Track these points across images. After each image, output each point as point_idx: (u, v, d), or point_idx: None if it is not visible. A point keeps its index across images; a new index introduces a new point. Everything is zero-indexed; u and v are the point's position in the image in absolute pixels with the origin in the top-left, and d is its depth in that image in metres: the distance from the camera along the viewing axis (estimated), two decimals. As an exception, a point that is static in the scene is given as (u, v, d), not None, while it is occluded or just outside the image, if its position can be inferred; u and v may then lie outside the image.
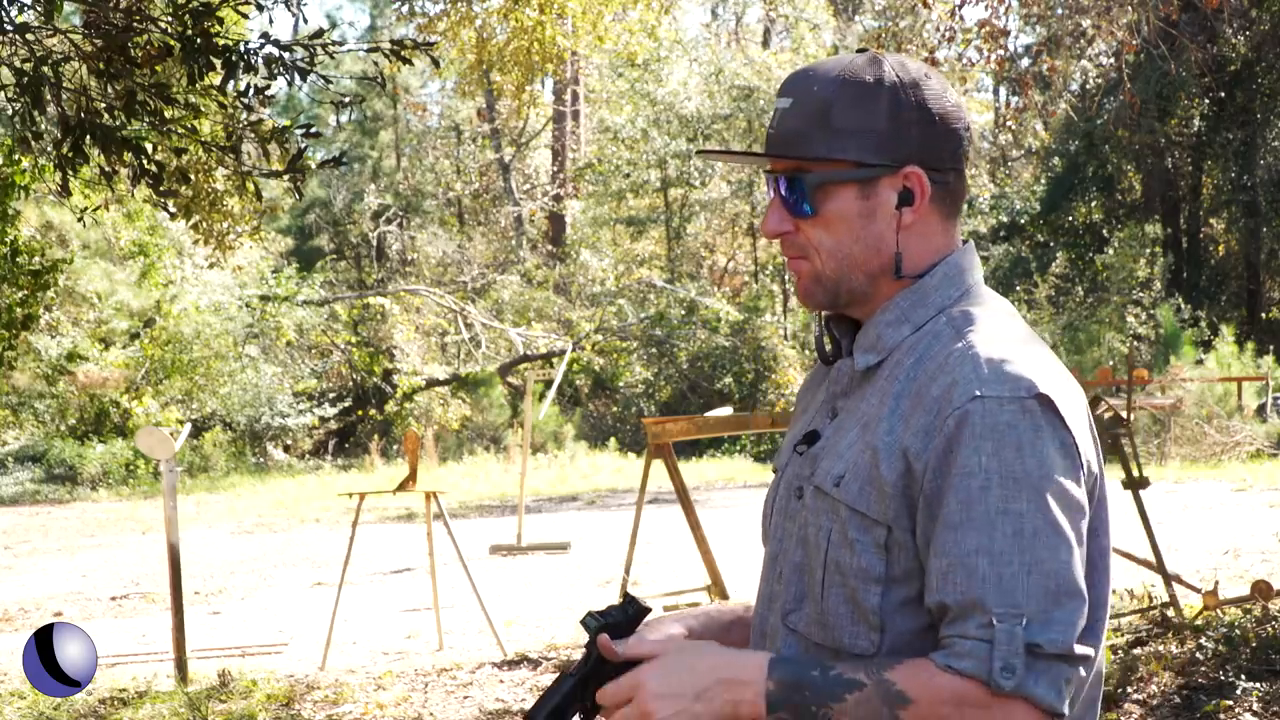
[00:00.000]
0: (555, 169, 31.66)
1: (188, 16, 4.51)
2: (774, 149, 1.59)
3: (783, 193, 1.59)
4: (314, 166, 5.24)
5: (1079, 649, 1.40)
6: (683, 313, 23.86)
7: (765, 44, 32.80)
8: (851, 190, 1.56)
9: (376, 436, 23.49)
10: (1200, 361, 18.17)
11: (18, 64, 4.94)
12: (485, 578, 8.72)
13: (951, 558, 1.41)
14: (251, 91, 4.90)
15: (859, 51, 1.61)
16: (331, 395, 24.64)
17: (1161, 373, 17.54)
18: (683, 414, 18.59)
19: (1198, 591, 6.37)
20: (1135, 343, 21.32)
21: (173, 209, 6.90)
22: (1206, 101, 23.39)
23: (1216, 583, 6.30)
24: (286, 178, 4.90)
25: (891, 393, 1.52)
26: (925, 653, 1.44)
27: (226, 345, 22.20)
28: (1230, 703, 4.94)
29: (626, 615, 1.64)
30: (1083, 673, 1.42)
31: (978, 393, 1.43)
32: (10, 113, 5.50)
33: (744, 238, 30.09)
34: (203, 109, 5.67)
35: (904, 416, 1.50)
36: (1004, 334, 1.52)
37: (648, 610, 1.65)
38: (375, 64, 6.05)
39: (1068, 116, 21.68)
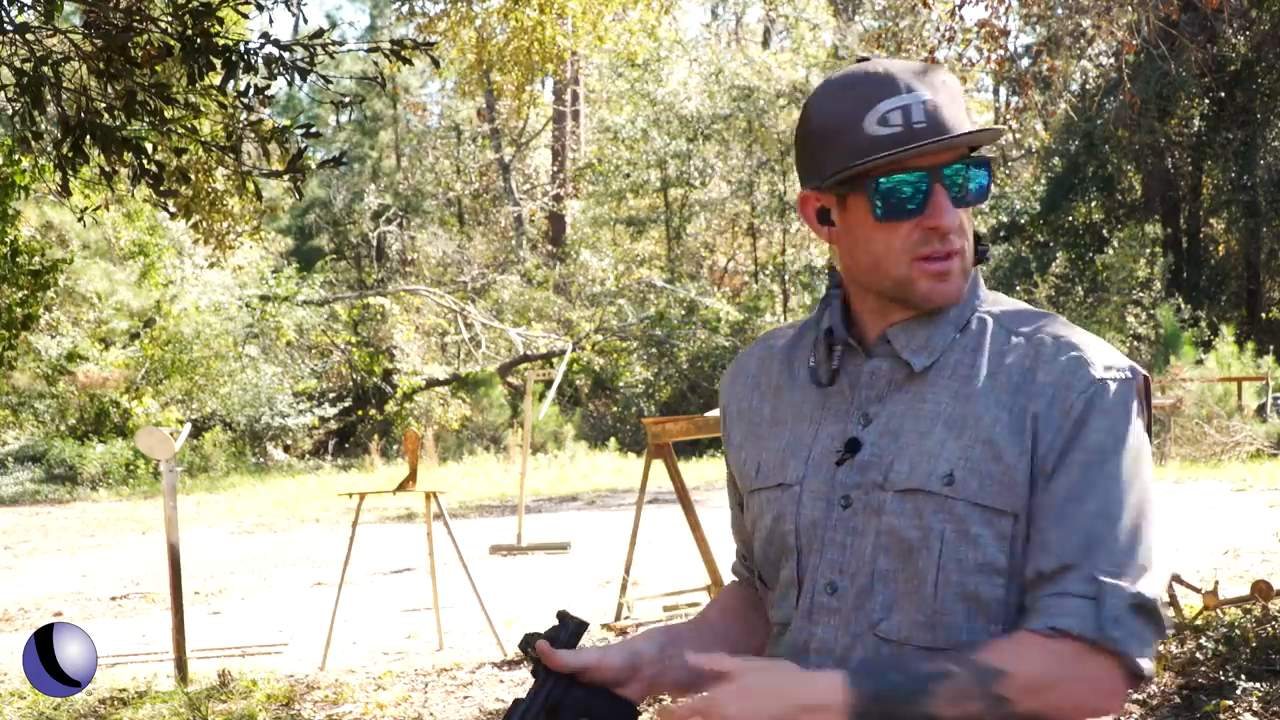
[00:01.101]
0: (555, 169, 31.66)
1: (188, 16, 4.52)
2: (964, 135, 1.55)
3: (962, 180, 1.57)
4: (314, 166, 5.24)
5: (1163, 612, 1.48)
6: (683, 313, 23.86)
7: (765, 44, 32.81)
8: None
9: (376, 436, 23.49)
10: (1200, 361, 18.15)
11: (18, 64, 4.94)
12: (485, 578, 8.72)
13: (1072, 524, 1.48)
14: (251, 91, 4.90)
15: (860, 59, 1.60)
16: (331, 395, 24.64)
17: (1161, 373, 17.52)
18: (683, 414, 18.58)
19: (1198, 591, 6.36)
20: (1135, 343, 21.30)
21: (173, 209, 6.91)
22: (1206, 101, 23.38)
23: (1216, 583, 6.30)
24: (286, 178, 4.90)
25: (975, 390, 1.55)
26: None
27: (226, 345, 22.20)
28: (1230, 703, 4.94)
29: (567, 632, 1.60)
30: (1160, 646, 1.49)
31: (1096, 375, 1.52)
32: (10, 113, 5.50)
33: (744, 238, 30.09)
34: (203, 109, 5.68)
35: (1006, 407, 1.53)
36: (1066, 322, 1.60)
37: (585, 625, 1.62)
38: (375, 64, 6.05)
39: (1068, 116, 21.67)
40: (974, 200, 1.58)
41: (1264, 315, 24.62)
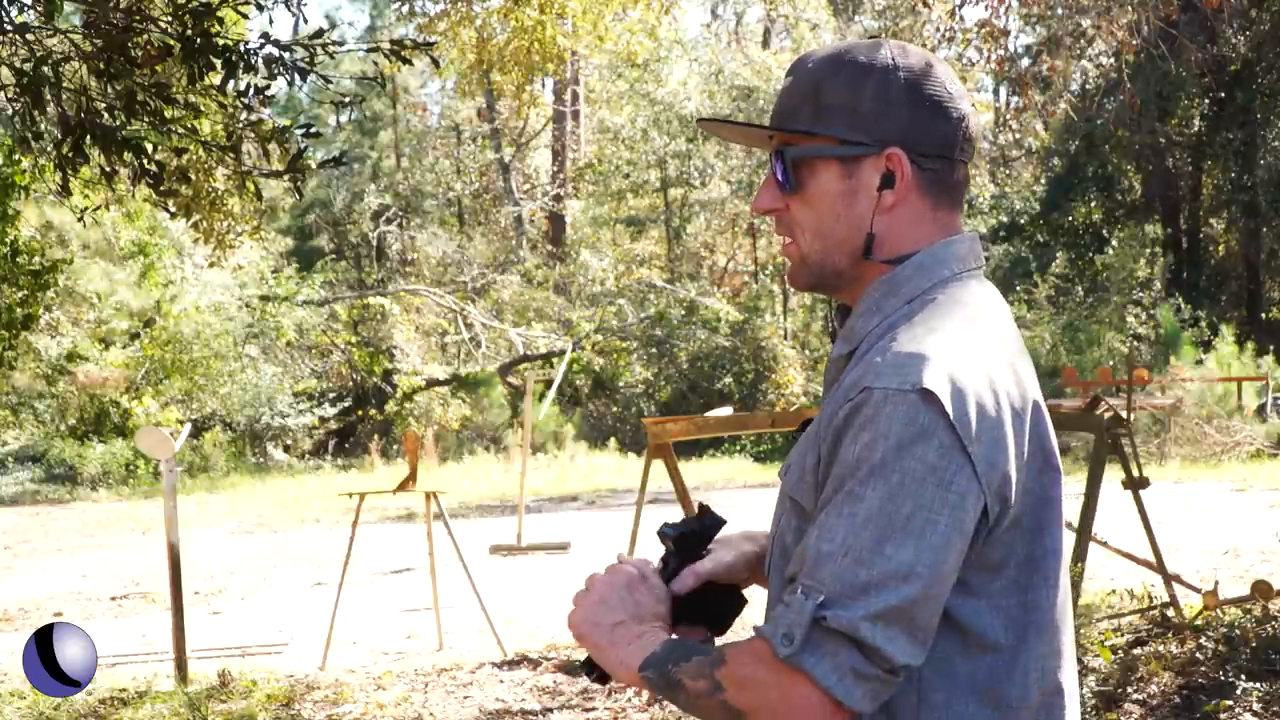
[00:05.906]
0: (555, 169, 31.66)
1: (188, 16, 4.51)
2: (770, 124, 1.61)
3: (774, 168, 1.60)
4: (314, 166, 5.24)
5: (880, 641, 1.36)
6: (683, 313, 23.86)
7: (765, 44, 32.78)
8: (835, 168, 1.56)
9: (376, 436, 23.49)
10: (1200, 361, 18.14)
11: (18, 64, 4.94)
12: (485, 578, 8.72)
13: (812, 534, 1.42)
14: (251, 91, 4.90)
15: (870, 38, 1.62)
16: (331, 395, 24.64)
17: (1161, 373, 17.52)
18: (683, 414, 18.58)
19: (1198, 591, 6.37)
20: (1135, 343, 21.30)
21: (173, 209, 6.91)
22: (1206, 101, 23.38)
23: (1216, 583, 6.30)
24: (286, 178, 4.90)
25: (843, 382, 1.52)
26: None
27: (226, 345, 22.19)
28: (1230, 703, 4.94)
29: (702, 526, 1.65)
30: (887, 673, 1.38)
31: (866, 385, 1.42)
32: (10, 113, 5.50)
33: (744, 238, 30.08)
34: (203, 109, 5.67)
35: (828, 405, 1.51)
36: (937, 325, 1.48)
37: (723, 522, 1.67)
38: (375, 64, 6.05)
39: (1068, 116, 21.64)
40: (784, 188, 1.59)
41: (1264, 315, 24.60)
